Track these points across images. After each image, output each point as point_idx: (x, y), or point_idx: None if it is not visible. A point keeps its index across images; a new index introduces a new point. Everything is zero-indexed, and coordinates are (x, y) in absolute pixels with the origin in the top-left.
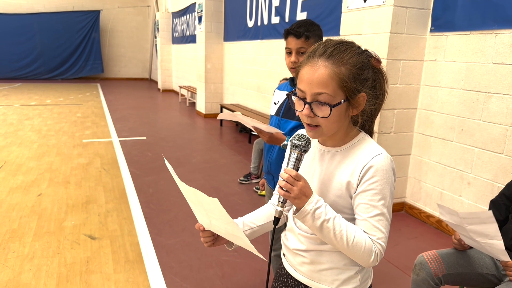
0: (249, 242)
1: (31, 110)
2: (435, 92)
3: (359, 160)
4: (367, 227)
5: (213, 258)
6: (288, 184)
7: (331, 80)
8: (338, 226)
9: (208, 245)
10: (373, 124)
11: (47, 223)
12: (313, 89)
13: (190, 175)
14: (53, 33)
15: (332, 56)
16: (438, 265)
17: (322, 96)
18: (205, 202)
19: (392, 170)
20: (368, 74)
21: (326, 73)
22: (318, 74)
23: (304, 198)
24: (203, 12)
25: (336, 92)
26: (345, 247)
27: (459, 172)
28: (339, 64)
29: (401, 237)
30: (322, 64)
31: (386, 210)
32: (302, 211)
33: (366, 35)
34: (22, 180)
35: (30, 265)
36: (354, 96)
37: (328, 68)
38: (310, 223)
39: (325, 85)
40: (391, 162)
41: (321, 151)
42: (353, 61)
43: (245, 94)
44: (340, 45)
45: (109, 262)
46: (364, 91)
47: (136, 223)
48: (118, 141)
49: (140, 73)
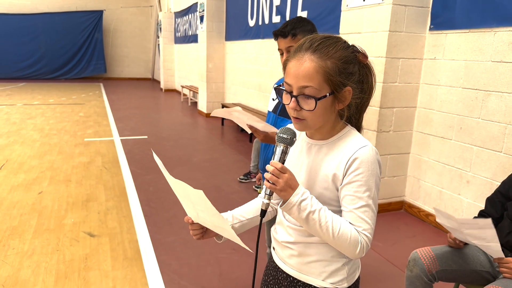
0: (235, 234)
1: (34, 110)
2: (434, 90)
3: (344, 152)
4: (352, 219)
5: (211, 256)
6: (274, 176)
7: (316, 73)
8: (324, 217)
9: (197, 237)
10: (361, 118)
11: (47, 221)
12: (299, 83)
13: (191, 174)
14: (57, 33)
15: (318, 50)
16: (431, 262)
17: (308, 89)
18: (191, 194)
19: (378, 162)
20: (354, 68)
21: (312, 66)
22: (303, 67)
23: (290, 190)
24: (205, 11)
25: (322, 85)
26: (331, 238)
27: (458, 171)
28: (324, 58)
29: (400, 235)
30: (308, 57)
31: (371, 202)
32: (288, 203)
33: (365, 34)
34: (23, 178)
35: (29, 262)
36: (340, 90)
37: (314, 62)
38: (296, 215)
39: (310, 78)
40: (376, 154)
41: (308, 144)
42: (338, 55)
43: (246, 93)
44: (326, 39)
45: (107, 259)
46: (349, 85)
47: (136, 221)
48: (120, 140)
49: (143, 73)
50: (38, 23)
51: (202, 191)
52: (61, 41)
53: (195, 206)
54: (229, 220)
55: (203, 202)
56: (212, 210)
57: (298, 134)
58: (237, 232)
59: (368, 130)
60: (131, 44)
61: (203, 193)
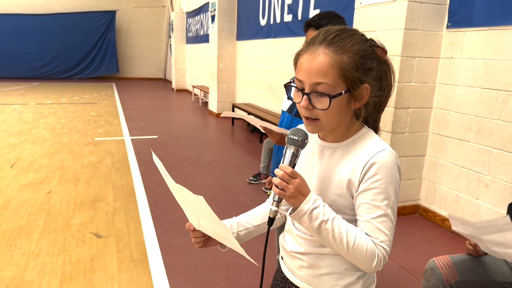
0: (238, 244)
1: (47, 109)
2: (452, 90)
3: (361, 156)
4: (369, 229)
5: (219, 260)
6: (283, 182)
7: (331, 68)
8: (338, 227)
9: (199, 246)
10: (378, 119)
11: (55, 221)
12: (312, 79)
13: (200, 175)
14: (70, 33)
15: (333, 43)
16: (450, 271)
17: (321, 86)
18: (192, 200)
19: (397, 167)
20: (372, 64)
21: (326, 61)
22: (317, 62)
23: (301, 197)
24: (216, 11)
25: (337, 82)
26: (345, 250)
27: (476, 174)
28: (340, 52)
29: (414, 241)
30: (322, 51)
31: (390, 211)
32: (298, 211)
33: (380, 32)
34: (33, 177)
35: (35, 263)
36: (356, 87)
37: (329, 56)
38: (307, 224)
39: (324, 74)
40: (395, 159)
41: (320, 147)
42: (355, 49)
43: (257, 93)
44: (342, 31)
45: (113, 261)
46: (367, 82)
47: (143, 222)
48: (130, 139)
49: (155, 73)
50: (52, 23)
51: (202, 197)
52: (75, 41)
53: (196, 212)
54: (234, 227)
55: (204, 208)
56: (214, 218)
57: (310, 136)
58: (243, 240)
59: (382, 131)
60: (143, 44)
61: (204, 200)
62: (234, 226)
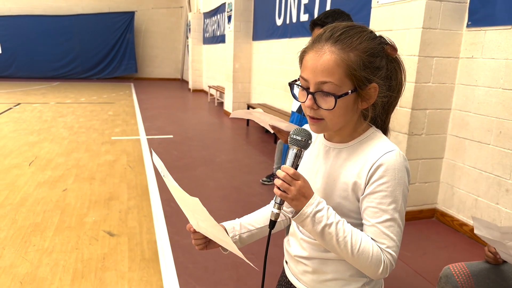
0: (236, 247)
1: (66, 108)
2: (471, 91)
3: (367, 158)
4: (375, 234)
5: (229, 260)
6: (285, 183)
7: (337, 67)
8: (342, 232)
9: (200, 248)
10: (387, 119)
11: (69, 218)
12: (317, 78)
13: (213, 175)
14: (90, 34)
15: (340, 41)
16: (466, 280)
17: (327, 85)
18: (188, 201)
19: (406, 170)
20: (381, 62)
21: (332, 59)
22: (323, 60)
23: (303, 199)
24: (233, 11)
25: (343, 81)
26: (350, 255)
27: (497, 178)
28: (347, 50)
29: (431, 246)
30: (328, 49)
31: (397, 215)
32: (300, 214)
33: (397, 31)
34: (49, 175)
35: (48, 259)
36: (364, 87)
37: (335, 54)
38: (310, 227)
39: (330, 73)
40: (404, 161)
41: (326, 148)
42: (363, 46)
43: (272, 93)
44: (350, 28)
45: (124, 259)
46: (375, 82)
47: (156, 221)
48: (146, 139)
49: (173, 73)
50: (73, 25)
51: (198, 199)
52: (94, 41)
53: (194, 214)
54: (237, 229)
55: (200, 210)
56: (210, 221)
57: (314, 136)
58: (245, 243)
59: (399, 133)
60: (161, 44)
61: (199, 201)
62: (236, 228)
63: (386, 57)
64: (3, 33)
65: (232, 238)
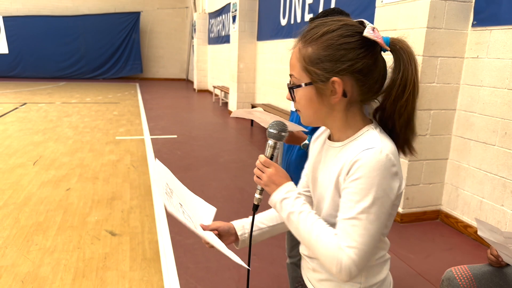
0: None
1: (71, 108)
2: (476, 92)
3: (349, 154)
4: (340, 230)
5: (231, 261)
6: (259, 170)
7: (296, 61)
8: (303, 221)
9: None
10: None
11: (72, 218)
12: (290, 71)
13: (216, 175)
14: (96, 34)
15: (304, 36)
16: (468, 283)
17: (292, 78)
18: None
19: (385, 169)
20: (350, 54)
21: (295, 53)
22: (291, 55)
23: (274, 186)
24: (237, 11)
25: (301, 74)
26: (309, 246)
27: (502, 180)
28: (307, 44)
29: (434, 247)
30: (297, 45)
31: (364, 217)
32: (270, 199)
33: (401, 31)
34: (53, 175)
35: (50, 259)
36: (321, 81)
37: (297, 49)
38: (280, 213)
39: (293, 67)
40: (386, 160)
41: (325, 146)
42: (324, 39)
43: (277, 94)
44: (322, 23)
45: (126, 259)
46: (336, 76)
47: (158, 220)
48: (150, 139)
49: (178, 73)
50: (79, 25)
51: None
52: (100, 41)
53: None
54: (246, 227)
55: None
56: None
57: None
58: (257, 241)
59: None
60: (166, 45)
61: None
62: (246, 227)
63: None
64: (10, 33)
65: (241, 236)
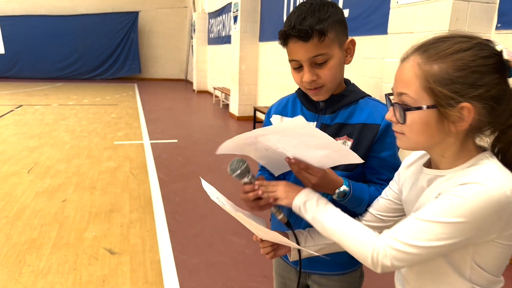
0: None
1: (68, 110)
2: None
3: (454, 180)
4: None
5: (239, 283)
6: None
7: (415, 78)
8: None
9: (270, 256)
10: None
11: (67, 233)
12: (397, 88)
13: (221, 182)
14: (94, 34)
15: (427, 51)
16: None
17: (403, 97)
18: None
19: (500, 209)
20: (486, 79)
21: (411, 69)
22: (403, 69)
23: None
24: (239, 11)
25: (420, 94)
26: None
27: None
28: (431, 60)
29: None
30: (413, 58)
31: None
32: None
33: (419, 34)
34: (49, 184)
35: (43, 282)
36: (448, 105)
37: (415, 64)
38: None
39: (407, 84)
40: (504, 198)
41: (423, 174)
42: (457, 58)
43: (279, 96)
44: (448, 37)
45: (126, 282)
46: (468, 102)
47: (159, 237)
48: (149, 144)
49: (177, 74)
50: (76, 25)
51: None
52: (98, 42)
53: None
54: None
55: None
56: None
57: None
58: None
59: None
60: (165, 45)
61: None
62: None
63: (498, 74)
64: (6, 33)
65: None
